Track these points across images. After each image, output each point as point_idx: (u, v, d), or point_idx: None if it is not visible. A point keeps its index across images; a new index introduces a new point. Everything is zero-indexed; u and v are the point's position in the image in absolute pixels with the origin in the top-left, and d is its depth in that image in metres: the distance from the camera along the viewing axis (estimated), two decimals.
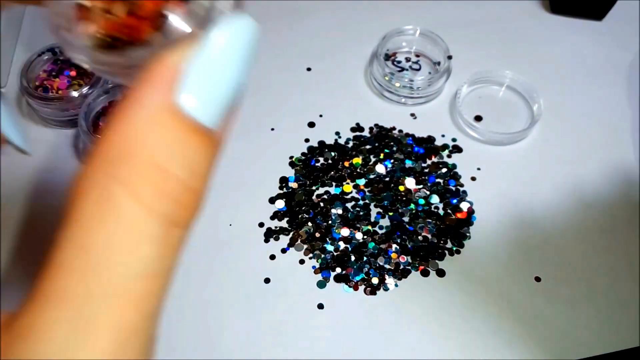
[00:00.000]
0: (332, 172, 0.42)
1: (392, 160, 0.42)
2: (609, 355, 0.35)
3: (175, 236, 0.15)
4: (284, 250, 0.38)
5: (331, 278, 0.37)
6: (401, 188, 0.41)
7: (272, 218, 0.40)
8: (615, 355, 0.35)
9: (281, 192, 0.41)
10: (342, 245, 0.38)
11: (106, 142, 0.14)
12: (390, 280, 0.37)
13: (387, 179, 0.41)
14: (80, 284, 0.14)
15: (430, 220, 0.40)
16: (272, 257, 0.38)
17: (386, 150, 0.42)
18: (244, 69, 0.16)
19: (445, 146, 0.43)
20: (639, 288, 0.37)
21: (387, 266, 0.38)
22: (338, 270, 0.38)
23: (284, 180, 0.41)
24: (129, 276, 0.14)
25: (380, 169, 0.42)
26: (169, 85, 0.14)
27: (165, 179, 0.14)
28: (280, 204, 0.40)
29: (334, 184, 0.41)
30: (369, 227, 0.39)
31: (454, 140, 0.43)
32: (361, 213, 0.40)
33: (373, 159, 0.42)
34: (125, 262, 0.14)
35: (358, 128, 0.44)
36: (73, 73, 0.43)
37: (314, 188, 0.41)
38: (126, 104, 0.14)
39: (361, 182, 0.41)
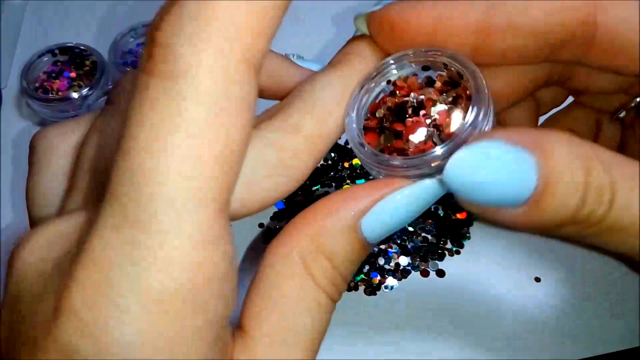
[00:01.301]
0: (332, 173, 0.42)
1: None
2: (609, 355, 0.35)
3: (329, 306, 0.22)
4: None
5: None
6: None
7: (272, 218, 0.40)
8: (615, 355, 0.35)
9: None
10: None
11: (305, 224, 0.21)
12: (390, 281, 0.37)
13: None
14: None
15: (430, 220, 0.40)
16: None
17: None
18: (420, 211, 0.21)
19: None
20: (639, 288, 0.37)
21: (387, 266, 0.38)
22: None
23: None
24: None
25: None
26: (360, 210, 0.20)
27: (333, 270, 0.20)
28: (280, 204, 0.40)
29: (333, 184, 0.41)
30: None
31: None
32: None
33: None
34: None
35: None
36: (73, 74, 0.43)
37: (313, 188, 0.41)
38: (329, 207, 0.20)
39: (361, 182, 0.41)
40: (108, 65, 0.44)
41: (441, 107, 0.22)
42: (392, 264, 0.38)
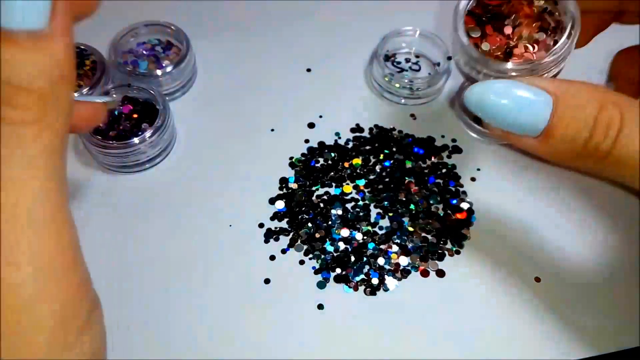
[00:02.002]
0: (332, 173, 0.42)
1: (392, 161, 0.42)
2: (609, 355, 0.35)
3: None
4: (283, 251, 0.38)
5: (331, 279, 0.37)
6: (401, 188, 0.41)
7: (272, 219, 0.40)
8: (615, 355, 0.35)
9: (281, 192, 0.41)
10: (342, 245, 0.39)
11: None
12: (390, 281, 0.37)
13: (387, 179, 0.41)
14: None
15: (430, 220, 0.40)
16: (272, 257, 0.38)
17: (386, 151, 0.42)
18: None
19: (445, 146, 0.43)
20: (639, 288, 0.37)
21: (387, 267, 0.38)
22: (338, 270, 0.38)
23: (283, 181, 0.41)
24: None
25: (380, 169, 0.42)
26: None
27: None
28: (280, 204, 0.40)
29: (333, 184, 0.41)
30: (369, 228, 0.39)
31: (454, 140, 0.43)
32: (361, 214, 0.40)
33: (373, 160, 0.42)
34: None
35: (358, 129, 0.44)
36: None
37: (313, 189, 0.41)
38: None
39: (361, 182, 0.41)
40: (108, 64, 0.44)
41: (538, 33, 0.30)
42: (392, 264, 0.38)
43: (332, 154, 0.42)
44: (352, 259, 0.38)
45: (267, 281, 0.37)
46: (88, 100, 0.26)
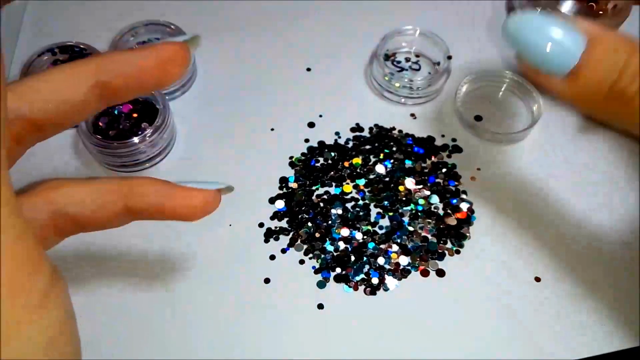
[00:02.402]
0: (332, 173, 0.42)
1: (392, 161, 0.42)
2: (609, 355, 0.35)
3: None
4: (283, 251, 0.38)
5: (331, 278, 0.37)
6: (401, 188, 0.41)
7: (272, 218, 0.40)
8: (615, 355, 0.35)
9: (281, 192, 0.41)
10: (342, 245, 0.39)
11: None
12: (390, 280, 0.37)
13: (387, 179, 0.41)
14: None
15: (430, 220, 0.40)
16: (272, 257, 0.38)
17: (386, 151, 0.42)
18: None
19: (445, 146, 0.43)
20: (639, 288, 0.37)
21: (387, 266, 0.38)
22: (338, 270, 0.38)
23: (283, 181, 0.41)
24: None
25: (380, 169, 0.42)
26: None
27: None
28: (280, 204, 0.40)
29: (333, 184, 0.41)
30: (369, 227, 0.39)
31: (454, 140, 0.43)
32: (361, 213, 0.40)
33: (373, 159, 0.42)
34: None
35: (358, 128, 0.44)
36: None
37: (313, 188, 0.41)
38: None
39: (361, 182, 0.41)
40: None
41: None
42: (392, 263, 0.38)
43: (332, 154, 0.42)
44: (352, 258, 0.38)
45: (267, 281, 0.37)
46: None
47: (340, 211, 0.40)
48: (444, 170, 0.42)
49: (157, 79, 0.24)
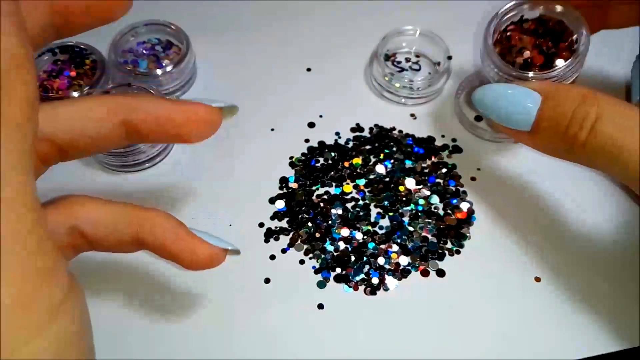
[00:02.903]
0: (332, 173, 0.42)
1: (392, 161, 0.42)
2: (609, 355, 0.35)
3: None
4: (284, 251, 0.38)
5: (331, 278, 0.37)
6: (401, 188, 0.41)
7: (272, 218, 0.40)
8: (615, 356, 0.35)
9: (281, 192, 0.41)
10: (342, 245, 0.39)
11: None
12: (390, 280, 0.37)
13: (387, 179, 0.41)
14: None
15: (430, 220, 0.40)
16: (272, 257, 0.38)
17: (386, 151, 0.42)
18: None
19: (445, 146, 0.43)
20: (639, 288, 0.37)
21: (387, 266, 0.38)
22: (338, 270, 0.38)
23: (284, 181, 0.41)
24: None
25: (380, 169, 0.42)
26: None
27: None
28: (280, 204, 0.40)
29: (334, 184, 0.41)
30: (369, 227, 0.39)
31: (454, 140, 0.43)
32: (361, 213, 0.40)
33: (373, 159, 0.42)
34: None
35: (358, 128, 0.44)
36: (73, 73, 0.43)
37: (314, 188, 0.41)
38: None
39: (361, 182, 0.41)
40: (108, 64, 0.43)
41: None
42: (392, 263, 0.38)
43: (332, 154, 0.42)
44: (352, 258, 0.38)
45: (267, 281, 0.37)
46: None
47: (340, 211, 0.40)
48: (444, 170, 0.42)
49: (183, 135, 0.25)
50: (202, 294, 0.37)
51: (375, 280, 0.37)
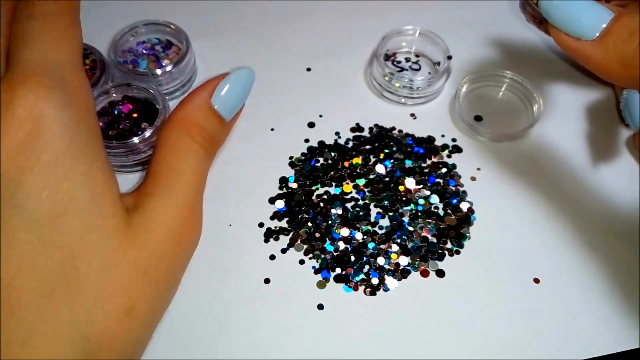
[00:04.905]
0: (332, 172, 0.42)
1: (392, 161, 0.42)
2: (609, 356, 0.35)
3: (204, 155, 0.29)
4: (283, 251, 0.38)
5: (331, 278, 0.37)
6: (401, 188, 0.41)
7: (271, 218, 0.40)
8: (615, 356, 0.35)
9: (281, 192, 0.41)
10: (342, 245, 0.38)
11: (180, 108, 0.29)
12: (390, 281, 0.37)
13: (387, 179, 0.41)
14: None
15: (430, 220, 0.40)
16: (272, 257, 0.38)
17: (386, 151, 0.42)
18: (245, 91, 0.32)
19: (445, 146, 0.43)
20: (639, 288, 0.37)
21: (387, 266, 0.38)
22: (338, 270, 0.38)
23: (283, 181, 0.41)
24: None
25: (380, 169, 0.42)
26: (211, 91, 0.29)
27: (204, 132, 0.29)
28: (280, 204, 0.40)
29: (333, 184, 0.41)
30: (369, 227, 0.39)
31: (454, 140, 0.43)
32: (361, 213, 0.40)
33: (373, 159, 0.42)
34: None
35: (358, 128, 0.44)
36: None
37: (313, 188, 0.41)
38: (192, 94, 0.29)
39: (361, 182, 0.41)
40: (108, 63, 0.43)
41: None
42: (392, 264, 0.38)
43: (332, 154, 0.42)
44: (352, 258, 0.38)
45: (267, 281, 0.37)
46: None
47: (340, 211, 0.40)
48: (444, 170, 0.42)
49: None
50: (202, 293, 0.37)
51: (375, 281, 0.37)
